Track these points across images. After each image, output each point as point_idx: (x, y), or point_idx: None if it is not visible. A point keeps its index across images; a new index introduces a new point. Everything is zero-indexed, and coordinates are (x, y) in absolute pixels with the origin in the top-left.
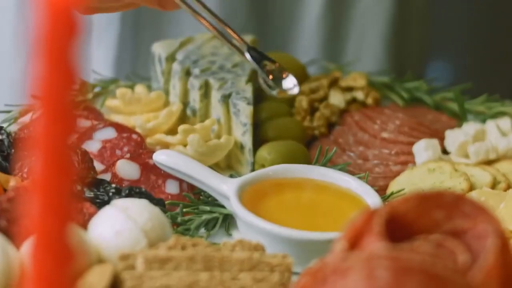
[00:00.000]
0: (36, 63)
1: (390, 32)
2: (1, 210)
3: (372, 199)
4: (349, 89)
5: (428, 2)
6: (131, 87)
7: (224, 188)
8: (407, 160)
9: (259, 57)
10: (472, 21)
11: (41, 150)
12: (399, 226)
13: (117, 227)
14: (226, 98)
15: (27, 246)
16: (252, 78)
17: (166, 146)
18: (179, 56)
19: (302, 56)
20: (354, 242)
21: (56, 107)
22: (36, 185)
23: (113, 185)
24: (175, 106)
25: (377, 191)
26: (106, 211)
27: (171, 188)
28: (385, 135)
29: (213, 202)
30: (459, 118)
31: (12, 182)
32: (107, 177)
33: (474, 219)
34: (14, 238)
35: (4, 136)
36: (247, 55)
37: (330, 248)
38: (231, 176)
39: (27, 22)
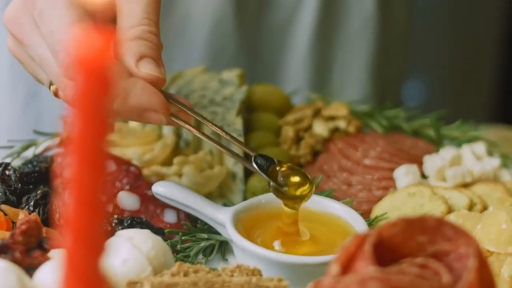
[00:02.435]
0: (72, 116)
1: (373, 60)
2: (15, 243)
3: (358, 223)
4: (332, 118)
5: (407, 30)
6: (126, 120)
7: (220, 216)
8: (389, 185)
9: (267, 162)
10: (448, 46)
11: (75, 191)
12: (387, 250)
13: (124, 256)
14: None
15: (40, 275)
16: (241, 110)
17: (162, 177)
18: (171, 91)
19: (290, 86)
20: (347, 266)
21: (90, 155)
22: (70, 222)
23: (115, 216)
24: (169, 139)
25: (361, 215)
26: (112, 241)
27: (169, 217)
28: (367, 161)
29: (210, 229)
30: (436, 144)
31: (21, 215)
32: (109, 208)
33: (455, 242)
34: (27, 268)
35: (11, 172)
36: (254, 165)
37: (321, 271)
38: (225, 204)
39: None
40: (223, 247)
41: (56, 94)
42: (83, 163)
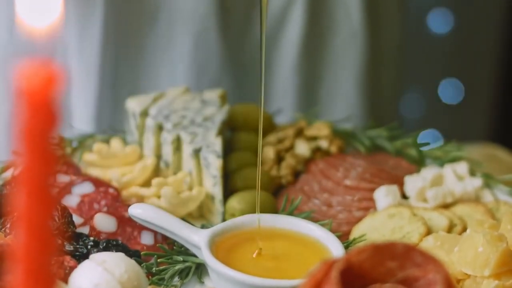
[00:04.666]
0: (19, 147)
1: (363, 73)
2: None
3: (335, 246)
4: (314, 138)
5: (400, 42)
6: (107, 141)
7: (196, 238)
8: (369, 206)
9: None
10: (445, 60)
11: (23, 223)
12: (356, 276)
13: (96, 280)
14: (197, 152)
15: None
16: (222, 131)
17: (141, 198)
18: (152, 111)
19: (277, 104)
20: None
21: (36, 188)
22: (19, 253)
23: (92, 238)
24: (149, 160)
25: (341, 236)
26: (85, 264)
27: (146, 239)
28: (348, 182)
29: (186, 251)
30: (418, 163)
31: None
32: (85, 230)
33: (425, 268)
34: None
35: None
36: None
37: None
38: (203, 226)
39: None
40: (200, 270)
41: None
42: (29, 195)
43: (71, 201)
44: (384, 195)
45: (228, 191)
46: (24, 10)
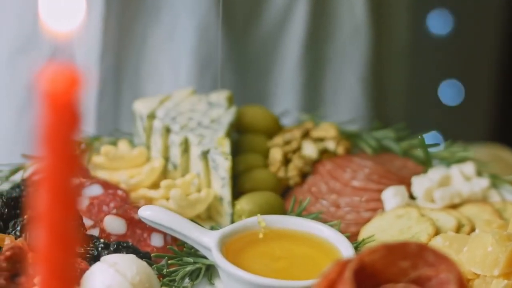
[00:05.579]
0: (40, 149)
1: (368, 70)
2: None
3: (344, 247)
4: (321, 139)
5: (406, 42)
6: (115, 143)
7: (206, 240)
8: (377, 207)
9: None
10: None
11: (45, 225)
12: (369, 276)
13: (108, 282)
14: (205, 154)
15: None
16: (230, 132)
17: (149, 200)
18: (159, 113)
19: (281, 102)
20: None
21: (59, 189)
22: (40, 254)
23: (102, 240)
24: (157, 162)
25: (349, 237)
26: (96, 266)
27: (156, 241)
28: (355, 183)
29: (196, 253)
30: (425, 164)
31: (7, 240)
32: (95, 232)
33: (437, 267)
34: None
35: None
36: None
37: None
38: (212, 228)
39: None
40: (210, 271)
41: None
42: (52, 197)
43: (81, 203)
44: (392, 195)
45: (236, 193)
46: (47, 13)
